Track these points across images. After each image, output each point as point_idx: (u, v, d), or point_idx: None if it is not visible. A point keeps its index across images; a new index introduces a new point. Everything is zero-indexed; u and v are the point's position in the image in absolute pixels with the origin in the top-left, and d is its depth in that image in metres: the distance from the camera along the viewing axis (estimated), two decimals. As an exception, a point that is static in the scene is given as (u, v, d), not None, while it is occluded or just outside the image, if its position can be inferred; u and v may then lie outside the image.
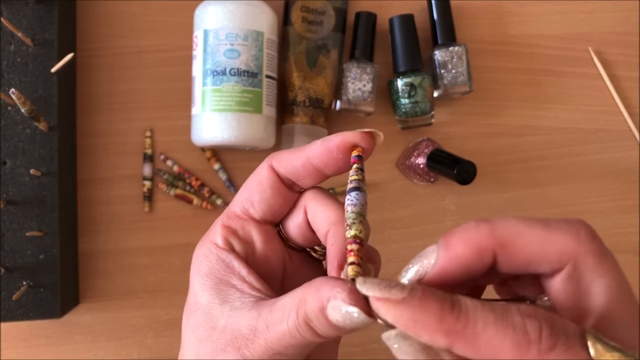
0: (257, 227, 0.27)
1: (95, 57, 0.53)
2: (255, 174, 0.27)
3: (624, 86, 0.58)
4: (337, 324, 0.20)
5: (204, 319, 0.25)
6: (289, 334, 0.22)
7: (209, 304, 0.25)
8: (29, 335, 0.51)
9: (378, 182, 0.55)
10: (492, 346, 0.17)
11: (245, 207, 0.27)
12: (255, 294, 0.25)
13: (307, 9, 0.53)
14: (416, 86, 0.52)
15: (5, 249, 0.46)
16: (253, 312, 0.23)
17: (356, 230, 0.23)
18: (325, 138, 0.26)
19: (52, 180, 0.47)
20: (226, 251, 0.26)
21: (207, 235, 0.28)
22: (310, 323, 0.21)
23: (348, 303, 0.19)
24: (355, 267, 0.21)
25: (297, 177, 0.27)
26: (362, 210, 0.24)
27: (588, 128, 0.57)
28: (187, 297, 0.27)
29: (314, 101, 0.52)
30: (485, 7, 0.57)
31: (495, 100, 0.57)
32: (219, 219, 0.28)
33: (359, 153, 0.26)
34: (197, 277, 0.26)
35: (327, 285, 0.20)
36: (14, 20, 0.47)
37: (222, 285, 0.25)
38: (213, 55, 0.48)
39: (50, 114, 0.47)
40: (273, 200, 0.27)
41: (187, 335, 0.26)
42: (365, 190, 0.25)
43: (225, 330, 0.24)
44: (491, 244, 0.19)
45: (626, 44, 0.58)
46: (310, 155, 0.26)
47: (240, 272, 0.26)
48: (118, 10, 0.54)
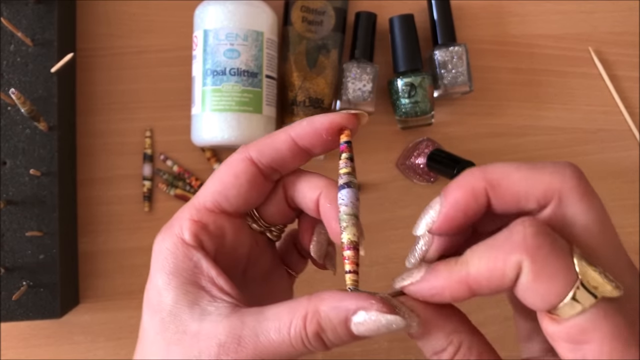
0: (230, 221, 0.27)
1: (95, 57, 0.53)
2: (230, 166, 0.26)
3: (624, 86, 0.58)
4: (361, 334, 0.22)
5: (172, 321, 0.24)
6: (288, 344, 0.22)
7: (176, 305, 0.24)
8: (29, 335, 0.51)
9: (378, 182, 0.55)
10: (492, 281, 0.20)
11: (218, 201, 0.26)
12: (227, 299, 0.24)
13: (307, 9, 0.53)
14: (416, 86, 0.52)
15: (5, 249, 0.46)
16: (234, 320, 0.23)
17: (350, 234, 0.24)
18: (310, 119, 0.25)
19: (52, 180, 0.47)
20: (195, 249, 0.25)
21: (171, 227, 0.26)
22: (322, 334, 0.22)
23: (386, 312, 0.21)
24: (353, 276, 0.23)
25: (283, 162, 0.26)
26: (354, 211, 0.24)
27: (588, 128, 0.57)
28: (148, 291, 0.26)
29: (314, 101, 0.52)
30: (485, 7, 0.57)
31: (495, 100, 0.57)
32: (184, 210, 0.26)
33: (348, 138, 0.25)
34: (161, 273, 0.25)
35: (350, 298, 0.22)
36: (14, 20, 0.47)
37: (190, 287, 0.25)
38: (213, 55, 0.48)
39: (50, 114, 0.47)
40: (250, 194, 0.26)
41: (150, 334, 0.25)
42: (357, 185, 0.25)
43: (198, 337, 0.23)
44: (483, 185, 0.21)
45: (626, 43, 0.58)
46: (297, 137, 0.25)
47: (210, 274, 0.25)
48: (118, 10, 0.54)
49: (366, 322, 0.21)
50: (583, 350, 0.19)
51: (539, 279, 0.19)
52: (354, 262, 0.23)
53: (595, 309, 0.19)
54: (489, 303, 0.54)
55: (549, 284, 0.19)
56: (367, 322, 0.21)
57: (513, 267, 0.19)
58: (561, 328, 0.20)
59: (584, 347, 0.19)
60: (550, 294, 0.19)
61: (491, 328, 0.54)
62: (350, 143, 0.25)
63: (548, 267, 0.19)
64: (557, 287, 0.19)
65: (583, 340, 0.19)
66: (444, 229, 0.22)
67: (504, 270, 0.19)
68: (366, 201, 0.55)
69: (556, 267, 0.19)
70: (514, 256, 0.19)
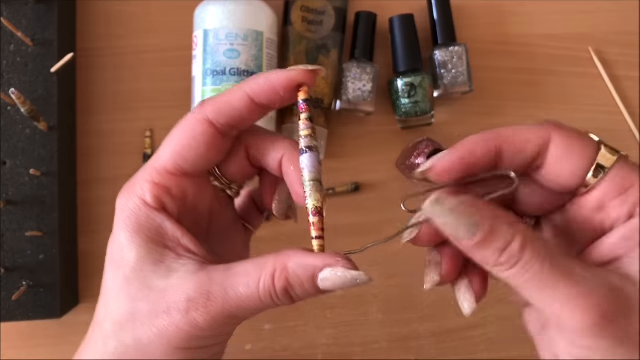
0: (191, 181, 0.27)
1: (95, 57, 0.53)
2: (187, 128, 0.26)
3: (624, 86, 0.58)
4: (327, 289, 0.24)
5: (135, 277, 0.25)
6: (256, 298, 0.24)
7: (140, 262, 0.25)
8: (29, 335, 0.51)
9: (378, 182, 0.55)
10: (523, 135, 0.24)
11: (179, 163, 0.26)
12: (192, 257, 0.25)
13: (307, 9, 0.53)
14: (416, 86, 0.52)
15: (5, 249, 0.46)
16: (202, 276, 0.24)
17: (314, 200, 0.24)
18: (266, 75, 0.25)
19: (52, 180, 0.47)
20: (157, 211, 0.26)
21: (132, 188, 0.26)
22: (290, 290, 0.24)
23: (351, 268, 0.23)
24: (320, 242, 0.25)
25: (240, 120, 0.26)
26: (317, 176, 0.25)
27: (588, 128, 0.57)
28: (111, 246, 0.26)
29: (314, 101, 0.52)
30: (485, 6, 0.57)
31: (495, 100, 0.57)
32: (144, 172, 0.27)
33: (306, 96, 0.25)
34: (124, 231, 0.26)
35: (316, 256, 0.24)
36: (13, 20, 0.47)
37: (154, 245, 0.25)
38: (213, 55, 0.48)
39: (50, 113, 0.47)
40: (209, 154, 0.26)
41: (113, 290, 0.25)
42: (317, 148, 0.25)
43: (165, 292, 0.24)
44: (496, 138, 0.25)
45: (626, 43, 0.58)
46: (253, 95, 0.25)
47: (175, 234, 0.25)
48: (118, 10, 0.54)
49: (332, 278, 0.23)
50: (629, 195, 0.23)
51: (571, 149, 0.23)
52: (320, 228, 0.24)
53: (622, 160, 0.23)
54: (488, 303, 0.54)
55: (580, 148, 0.23)
56: (333, 278, 0.23)
57: (543, 136, 0.24)
58: (602, 190, 0.23)
59: (629, 193, 0.23)
60: (584, 154, 0.23)
61: (491, 328, 0.54)
62: (308, 101, 0.25)
63: (574, 136, 0.24)
64: (588, 148, 0.23)
65: (626, 186, 0.23)
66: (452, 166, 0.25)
67: (533, 140, 0.24)
68: (366, 201, 0.55)
69: (580, 136, 0.24)
70: (543, 130, 0.24)
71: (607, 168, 0.23)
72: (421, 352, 0.54)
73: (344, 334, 0.53)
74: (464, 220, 0.22)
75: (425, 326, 0.54)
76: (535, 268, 0.21)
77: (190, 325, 0.24)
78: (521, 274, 0.22)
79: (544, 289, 0.21)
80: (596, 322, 0.21)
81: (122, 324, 0.25)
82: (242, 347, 0.52)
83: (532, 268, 0.21)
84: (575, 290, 0.21)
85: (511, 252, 0.22)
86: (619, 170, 0.23)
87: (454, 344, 0.54)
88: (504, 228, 0.22)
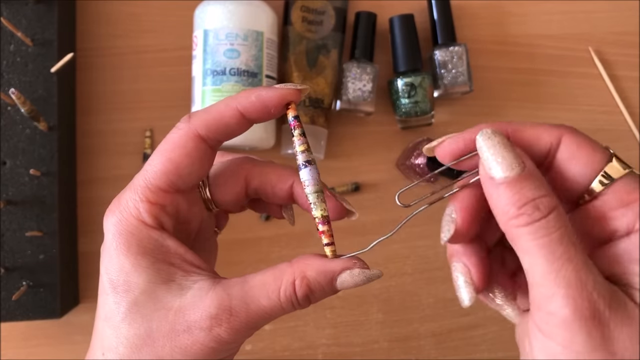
0: (183, 197, 0.27)
1: (95, 57, 0.53)
2: (179, 144, 0.26)
3: (624, 86, 0.58)
4: (345, 288, 0.25)
5: (148, 299, 0.24)
6: (278, 307, 0.25)
7: (150, 283, 0.25)
8: (29, 335, 0.51)
9: (378, 182, 0.55)
10: (535, 131, 0.24)
11: (173, 181, 0.26)
12: (201, 272, 0.26)
13: (307, 9, 0.53)
14: (416, 86, 0.52)
15: (5, 249, 0.46)
16: (220, 292, 0.25)
17: (321, 210, 0.26)
18: (257, 91, 0.26)
19: (52, 180, 0.47)
20: (158, 230, 0.26)
21: (125, 208, 0.26)
22: (310, 295, 0.25)
23: (366, 268, 0.25)
24: (332, 247, 0.26)
25: (230, 135, 0.27)
26: (320, 188, 0.26)
27: (588, 128, 0.57)
28: (108, 269, 0.25)
29: (314, 101, 0.52)
30: (485, 7, 0.57)
31: (495, 100, 0.57)
32: (135, 192, 0.26)
33: (295, 113, 0.26)
34: (127, 255, 0.25)
35: (333, 261, 0.25)
36: (13, 20, 0.47)
37: (161, 265, 0.25)
38: (213, 55, 0.48)
39: (50, 113, 0.47)
40: (202, 170, 0.27)
41: (120, 312, 0.25)
42: (315, 161, 0.26)
43: (183, 311, 0.24)
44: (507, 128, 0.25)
45: (626, 43, 0.58)
46: (245, 111, 0.26)
47: (178, 251, 0.26)
48: (118, 10, 0.54)
49: (350, 279, 0.25)
50: (630, 209, 0.23)
51: (582, 148, 0.23)
52: (330, 235, 0.26)
53: (631, 175, 0.23)
54: (489, 303, 0.54)
55: (590, 152, 0.23)
56: (351, 279, 0.25)
57: (555, 135, 0.24)
58: (605, 199, 0.23)
59: (631, 207, 0.23)
60: (594, 160, 0.23)
61: (491, 328, 0.54)
62: (298, 117, 0.26)
63: (587, 141, 0.24)
64: (598, 155, 0.23)
65: (630, 199, 0.23)
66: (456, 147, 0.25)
67: (545, 137, 0.24)
68: (366, 201, 0.55)
69: (592, 142, 0.24)
70: (556, 130, 0.24)
71: (614, 179, 0.23)
72: (421, 352, 0.54)
73: (344, 334, 0.53)
74: (509, 154, 0.22)
75: (426, 326, 0.54)
76: (554, 236, 0.21)
77: (215, 341, 0.24)
78: (536, 236, 0.21)
79: (552, 262, 0.21)
80: (585, 318, 0.20)
81: (138, 346, 0.24)
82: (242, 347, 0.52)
83: (551, 235, 0.21)
84: (580, 277, 0.20)
85: (538, 206, 0.21)
86: (626, 183, 0.23)
87: (454, 344, 0.54)
88: (540, 180, 0.22)
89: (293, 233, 0.53)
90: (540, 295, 0.21)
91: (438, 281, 0.55)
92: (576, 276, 0.20)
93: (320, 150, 0.53)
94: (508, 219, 0.22)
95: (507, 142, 0.23)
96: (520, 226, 0.21)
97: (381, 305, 0.54)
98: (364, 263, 0.26)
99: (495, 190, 0.22)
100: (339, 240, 0.27)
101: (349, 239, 0.53)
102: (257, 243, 0.53)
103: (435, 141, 0.26)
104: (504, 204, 0.22)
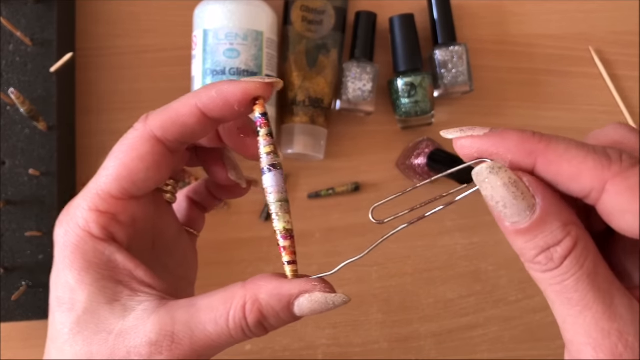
0: (138, 204, 0.25)
1: (94, 56, 0.53)
2: (134, 148, 0.23)
3: (624, 86, 0.58)
4: (304, 315, 0.22)
5: (90, 320, 0.22)
6: (227, 335, 0.22)
7: (93, 303, 0.23)
8: (28, 336, 0.50)
9: (378, 182, 0.55)
10: (573, 165, 0.19)
11: (125, 188, 0.24)
12: (149, 291, 0.23)
13: (307, 9, 0.53)
14: (416, 86, 0.52)
15: (5, 249, 0.46)
16: (163, 316, 0.22)
17: (284, 222, 0.23)
18: (219, 87, 0.23)
19: (52, 180, 0.47)
20: (106, 242, 0.23)
21: (72, 217, 0.24)
22: (264, 321, 0.22)
23: (330, 292, 0.22)
24: (293, 267, 0.23)
25: (192, 136, 0.24)
26: (284, 197, 0.23)
27: (588, 128, 0.57)
28: (56, 288, 0.23)
29: (313, 101, 0.52)
30: (485, 6, 0.57)
31: (495, 100, 0.57)
32: (84, 199, 0.24)
33: (263, 110, 0.23)
34: (71, 269, 0.23)
35: (289, 283, 0.22)
36: (13, 20, 0.47)
37: (106, 282, 0.23)
38: (212, 54, 0.48)
39: (50, 113, 0.47)
40: (159, 174, 0.24)
41: (64, 333, 0.23)
42: (281, 165, 0.23)
43: (124, 336, 0.22)
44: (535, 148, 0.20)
45: (627, 43, 0.58)
46: (205, 108, 0.23)
47: (126, 267, 0.23)
48: (117, 9, 0.54)
49: (309, 304, 0.22)
50: None
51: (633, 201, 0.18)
52: (292, 252, 0.23)
53: None
54: (489, 304, 0.54)
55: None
56: (310, 304, 0.22)
57: (598, 179, 0.18)
58: None
59: None
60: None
61: (491, 329, 0.54)
62: (266, 115, 0.23)
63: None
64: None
65: None
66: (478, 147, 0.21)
67: (585, 179, 0.19)
68: (366, 201, 0.55)
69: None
70: (601, 169, 0.18)
71: None
72: (421, 353, 0.54)
73: (344, 334, 0.53)
74: (517, 201, 0.19)
75: (426, 326, 0.54)
76: (569, 283, 0.19)
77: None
78: (550, 283, 0.19)
79: (569, 309, 0.19)
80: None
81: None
82: (242, 347, 0.52)
83: (564, 282, 0.19)
84: (602, 328, 0.18)
85: (551, 256, 0.19)
86: None
87: (454, 345, 0.54)
88: (555, 224, 0.19)
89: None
90: (565, 339, 0.20)
91: (438, 281, 0.54)
92: (596, 326, 0.18)
93: (320, 150, 0.53)
94: (524, 260, 0.20)
95: (514, 183, 0.19)
96: (535, 272, 0.20)
97: (381, 305, 0.54)
98: (328, 285, 0.22)
99: (505, 229, 0.20)
100: (338, 241, 0.26)
101: (348, 239, 0.53)
102: (257, 243, 0.53)
103: (454, 132, 0.21)
104: (517, 247, 0.20)
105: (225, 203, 0.53)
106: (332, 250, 0.53)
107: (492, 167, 0.19)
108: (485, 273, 0.54)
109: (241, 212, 0.53)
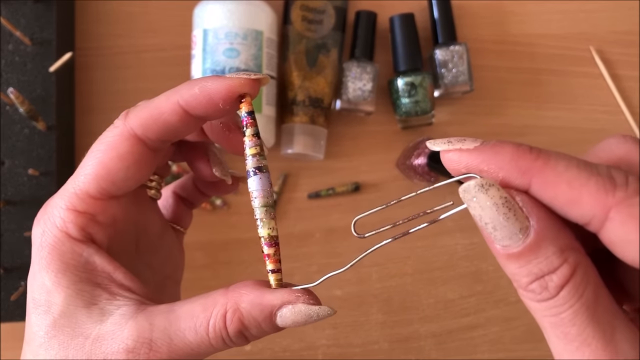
0: (118, 203, 0.24)
1: (94, 56, 0.53)
2: (113, 147, 0.23)
3: (625, 86, 0.58)
4: (287, 326, 0.21)
5: (67, 324, 0.22)
6: (206, 344, 0.21)
7: (70, 306, 0.22)
8: (27, 336, 0.50)
9: (378, 182, 0.55)
10: (573, 187, 0.16)
11: (104, 188, 0.23)
12: (128, 295, 0.22)
13: (307, 8, 0.53)
14: (417, 85, 0.52)
15: (4, 249, 0.46)
16: (141, 322, 0.21)
17: (269, 229, 0.22)
18: (202, 84, 0.22)
19: (51, 180, 0.47)
20: (84, 244, 0.23)
21: (49, 217, 0.23)
22: (244, 331, 0.21)
23: (314, 303, 0.21)
24: (277, 275, 0.22)
25: (175, 134, 0.23)
26: (270, 202, 0.22)
27: (589, 128, 0.57)
28: (33, 289, 0.23)
29: (313, 100, 0.52)
30: (486, 6, 0.57)
31: (496, 100, 0.57)
32: (62, 198, 0.23)
33: (250, 108, 0.22)
34: (47, 271, 0.22)
35: (272, 293, 0.21)
36: (12, 19, 0.47)
37: (84, 285, 0.22)
38: (212, 54, 0.48)
39: (49, 113, 0.47)
40: (140, 174, 0.23)
41: (40, 335, 0.22)
42: (267, 167, 0.22)
43: (101, 341, 0.21)
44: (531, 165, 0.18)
45: (627, 43, 0.58)
46: (187, 106, 0.22)
47: (105, 269, 0.23)
48: (117, 9, 0.53)
49: (292, 316, 0.21)
50: None
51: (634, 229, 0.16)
52: (277, 260, 0.22)
53: None
54: (489, 304, 0.54)
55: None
56: (293, 316, 0.21)
57: (601, 206, 0.16)
58: None
59: None
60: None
61: (491, 329, 0.54)
62: (253, 114, 0.22)
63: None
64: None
65: None
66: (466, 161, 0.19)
67: (586, 205, 0.17)
68: (366, 201, 0.54)
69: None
70: (604, 196, 0.16)
71: None
72: (421, 353, 0.54)
73: (344, 334, 0.53)
74: (507, 223, 0.17)
75: (426, 327, 0.54)
76: (565, 316, 0.17)
77: None
78: (545, 314, 0.17)
79: (566, 343, 0.17)
80: None
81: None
82: (241, 347, 0.52)
83: (561, 314, 0.17)
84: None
85: (546, 285, 0.17)
86: None
87: (455, 345, 0.54)
88: (550, 250, 0.17)
89: (293, 233, 0.53)
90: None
91: (438, 282, 0.54)
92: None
93: (320, 150, 0.52)
94: (516, 286, 0.18)
95: (506, 202, 0.17)
96: (528, 300, 0.18)
97: (381, 305, 0.54)
98: (312, 296, 0.21)
99: (495, 252, 0.18)
100: (338, 242, 0.26)
101: (348, 239, 0.53)
102: (257, 243, 0.53)
103: (441, 143, 0.20)
104: (508, 272, 0.18)
105: (225, 203, 0.53)
106: (332, 250, 0.53)
107: (482, 184, 0.18)
108: (485, 273, 0.54)
109: (241, 212, 0.53)
